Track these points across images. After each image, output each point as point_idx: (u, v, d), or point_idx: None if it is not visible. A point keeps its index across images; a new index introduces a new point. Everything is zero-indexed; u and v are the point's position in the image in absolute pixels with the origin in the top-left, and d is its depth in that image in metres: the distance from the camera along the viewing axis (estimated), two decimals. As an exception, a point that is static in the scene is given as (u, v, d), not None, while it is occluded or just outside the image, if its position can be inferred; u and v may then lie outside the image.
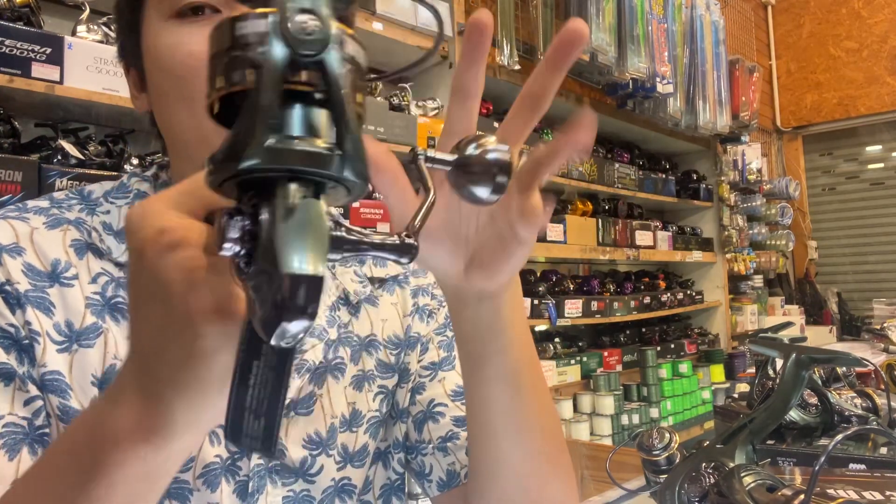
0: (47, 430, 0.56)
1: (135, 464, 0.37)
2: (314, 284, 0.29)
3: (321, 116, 0.31)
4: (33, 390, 0.56)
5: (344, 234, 0.33)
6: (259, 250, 0.30)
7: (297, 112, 0.30)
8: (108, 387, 0.39)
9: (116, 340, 0.60)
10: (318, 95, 0.31)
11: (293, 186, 0.30)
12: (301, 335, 0.29)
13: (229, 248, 0.30)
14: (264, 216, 0.30)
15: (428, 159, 0.40)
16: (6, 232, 0.60)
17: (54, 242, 0.61)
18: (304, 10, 0.29)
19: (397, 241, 0.35)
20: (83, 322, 0.59)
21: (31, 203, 0.65)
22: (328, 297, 0.73)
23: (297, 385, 0.67)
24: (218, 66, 0.31)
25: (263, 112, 0.29)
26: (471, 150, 0.41)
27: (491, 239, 0.47)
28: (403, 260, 0.34)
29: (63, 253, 0.61)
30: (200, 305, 0.34)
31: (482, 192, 0.41)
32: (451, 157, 0.41)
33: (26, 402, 0.55)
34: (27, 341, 0.57)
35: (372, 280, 0.77)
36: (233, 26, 0.31)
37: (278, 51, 0.29)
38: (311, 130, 0.30)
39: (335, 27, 0.30)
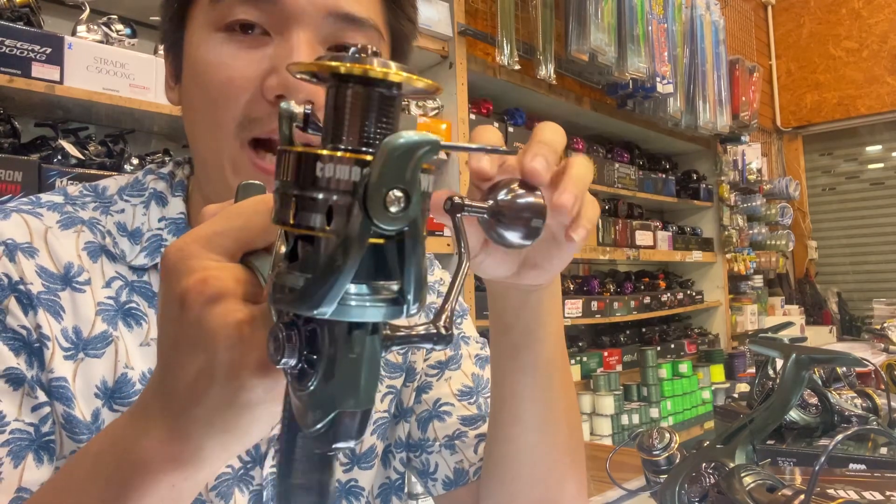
0: (53, 438, 0.55)
1: (164, 490, 0.37)
2: (365, 417, 0.31)
3: (393, 259, 0.30)
4: (41, 396, 0.55)
5: (391, 333, 0.34)
6: (317, 381, 0.30)
7: (370, 261, 0.30)
8: (133, 410, 0.39)
9: (128, 349, 0.58)
10: (391, 241, 0.30)
11: (357, 333, 0.30)
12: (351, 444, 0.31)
13: (284, 363, 0.31)
14: (325, 347, 0.30)
15: (465, 207, 0.41)
16: (21, 229, 0.58)
17: (68, 244, 0.60)
18: (394, 186, 0.28)
19: (436, 332, 0.34)
20: (92, 330, 0.57)
21: (45, 197, 0.63)
22: None
23: None
24: (292, 200, 0.30)
25: (339, 269, 0.28)
26: (503, 196, 0.41)
27: (543, 242, 0.47)
28: (439, 347, 0.35)
29: (76, 256, 0.59)
30: (248, 359, 0.34)
31: (515, 237, 0.42)
32: (486, 205, 0.41)
33: (34, 409, 0.54)
34: (38, 344, 0.55)
35: None
36: (314, 165, 0.29)
37: (360, 221, 0.28)
38: (383, 275, 0.30)
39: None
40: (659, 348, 3.53)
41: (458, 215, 0.40)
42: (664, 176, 3.81)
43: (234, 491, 0.61)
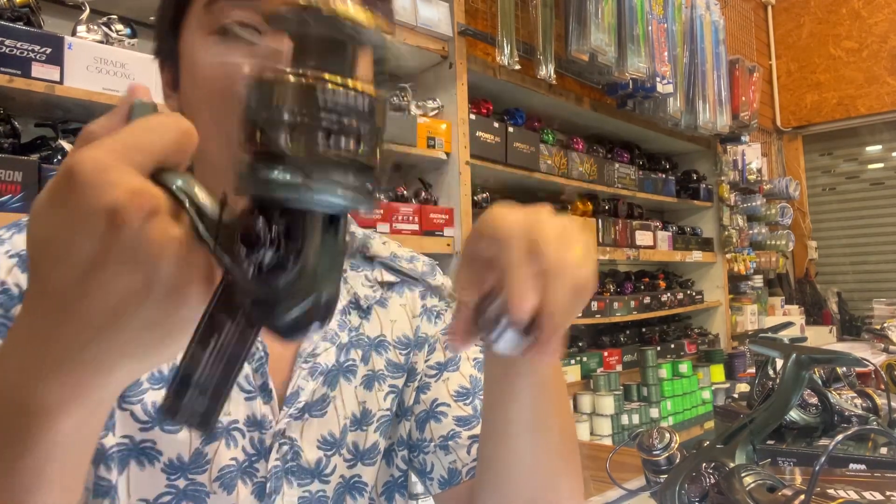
0: None
1: (69, 431, 0.35)
2: (334, 301, 0.34)
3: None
4: None
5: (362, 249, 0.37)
6: (297, 269, 0.32)
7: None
8: (11, 350, 0.35)
9: None
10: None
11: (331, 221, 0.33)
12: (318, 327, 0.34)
13: (260, 255, 0.33)
14: (308, 235, 0.33)
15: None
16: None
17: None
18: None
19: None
20: None
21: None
22: (340, 302, 0.74)
23: (311, 388, 0.68)
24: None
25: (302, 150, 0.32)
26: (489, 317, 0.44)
27: None
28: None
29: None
30: (195, 274, 0.33)
31: (503, 348, 0.45)
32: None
33: None
34: None
35: (382, 284, 0.79)
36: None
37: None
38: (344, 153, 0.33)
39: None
40: (659, 348, 3.53)
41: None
42: (664, 176, 3.81)
43: (237, 483, 0.63)
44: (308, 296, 0.33)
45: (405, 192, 2.28)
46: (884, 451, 0.91)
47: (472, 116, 2.45)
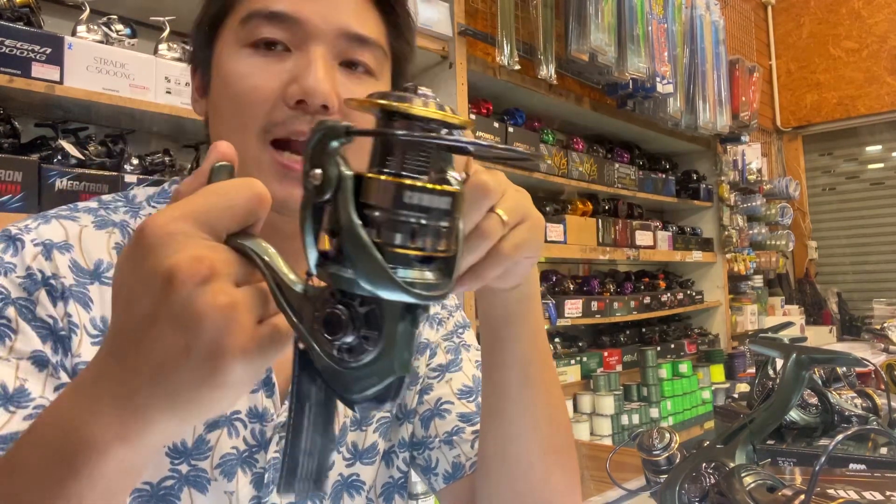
0: None
1: (113, 466, 0.37)
2: (404, 380, 0.36)
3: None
4: (64, 377, 0.59)
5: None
6: (376, 353, 0.35)
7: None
8: (78, 388, 0.39)
9: None
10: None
11: (410, 310, 0.35)
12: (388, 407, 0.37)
13: (340, 340, 0.35)
14: (386, 323, 0.35)
15: None
16: (57, 231, 0.63)
17: (99, 243, 0.65)
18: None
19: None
20: None
21: (81, 204, 0.69)
22: None
23: None
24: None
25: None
26: None
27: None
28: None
29: (107, 254, 0.64)
30: (233, 342, 0.34)
31: None
32: None
33: (56, 388, 0.58)
34: (64, 332, 0.60)
35: None
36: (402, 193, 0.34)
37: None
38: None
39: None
40: (659, 348, 3.53)
41: None
42: (664, 176, 3.81)
43: (237, 470, 0.65)
44: (383, 380, 0.35)
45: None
46: (884, 451, 0.91)
47: (473, 116, 2.45)
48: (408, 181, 0.34)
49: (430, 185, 0.34)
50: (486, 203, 0.48)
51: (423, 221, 0.34)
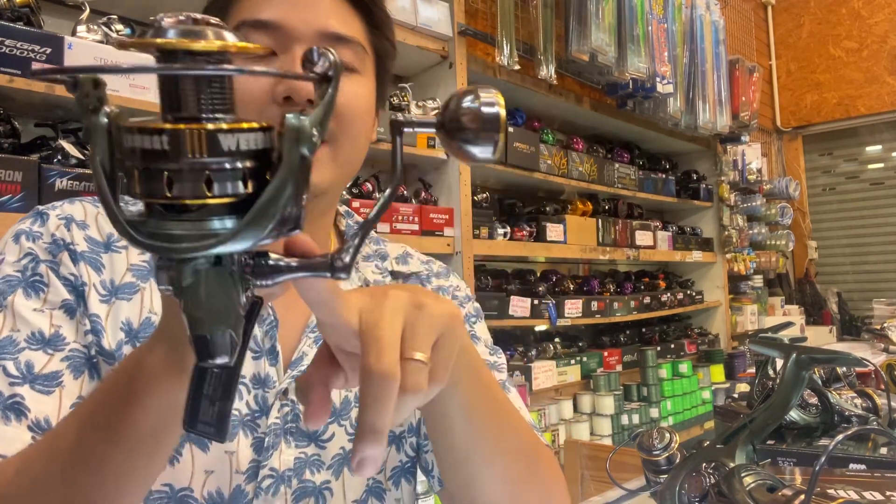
0: (96, 361, 0.68)
1: (163, 394, 0.47)
2: (229, 336, 0.36)
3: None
4: (88, 325, 0.67)
5: (265, 263, 0.37)
6: (183, 309, 0.35)
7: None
8: (143, 341, 0.50)
9: (152, 298, 0.71)
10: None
11: (189, 266, 0.34)
12: (225, 361, 0.36)
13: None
14: (184, 280, 0.35)
15: (408, 123, 0.41)
16: (79, 210, 0.72)
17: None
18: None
19: (331, 262, 0.38)
20: (122, 280, 0.71)
21: None
22: (350, 285, 0.78)
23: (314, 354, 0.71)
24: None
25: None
26: (452, 106, 0.40)
27: None
28: (342, 276, 0.38)
29: None
30: None
31: (475, 150, 0.40)
32: (432, 120, 0.41)
33: (85, 334, 0.67)
34: (82, 288, 0.68)
35: (394, 274, 0.84)
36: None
37: None
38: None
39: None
40: (659, 348, 3.53)
41: (399, 136, 0.41)
42: (664, 176, 3.81)
43: (239, 432, 0.68)
44: (202, 331, 0.35)
45: (405, 192, 2.28)
46: (884, 451, 0.91)
47: (472, 116, 2.45)
48: (127, 124, 0.32)
49: (148, 126, 0.31)
50: (385, 356, 0.42)
51: (142, 166, 0.32)
